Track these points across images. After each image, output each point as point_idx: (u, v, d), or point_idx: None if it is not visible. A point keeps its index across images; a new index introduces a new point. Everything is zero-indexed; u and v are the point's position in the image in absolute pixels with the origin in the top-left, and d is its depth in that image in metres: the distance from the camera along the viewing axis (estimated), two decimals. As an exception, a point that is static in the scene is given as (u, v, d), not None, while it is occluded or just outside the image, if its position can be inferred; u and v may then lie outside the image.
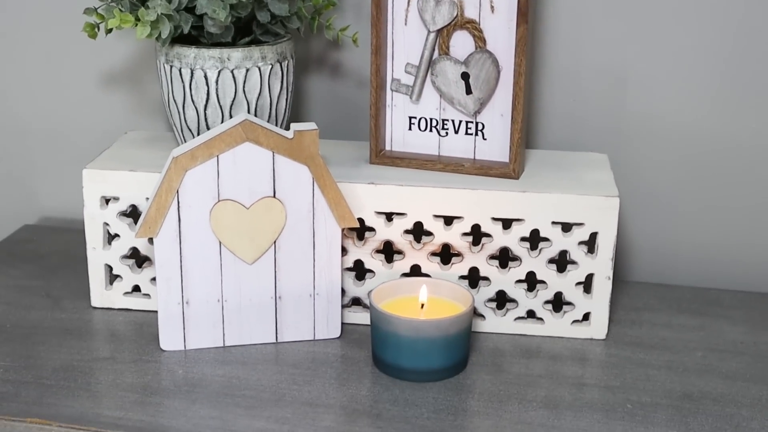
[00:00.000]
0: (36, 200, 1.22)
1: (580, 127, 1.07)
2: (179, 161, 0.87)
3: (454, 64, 0.95)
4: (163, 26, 0.90)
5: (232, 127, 0.87)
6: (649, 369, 0.90)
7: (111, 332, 0.95)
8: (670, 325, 0.98)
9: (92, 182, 0.96)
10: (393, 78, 0.97)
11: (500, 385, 0.87)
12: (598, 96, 1.06)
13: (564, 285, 0.94)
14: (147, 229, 0.88)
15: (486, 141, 0.97)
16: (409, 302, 0.91)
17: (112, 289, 0.99)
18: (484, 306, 0.95)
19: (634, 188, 1.07)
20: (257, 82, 0.94)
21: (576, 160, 1.01)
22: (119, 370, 0.88)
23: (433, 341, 0.86)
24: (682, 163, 1.06)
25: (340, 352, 0.92)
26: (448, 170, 0.96)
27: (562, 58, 1.05)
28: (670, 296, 1.04)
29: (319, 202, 0.90)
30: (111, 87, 1.16)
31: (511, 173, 0.95)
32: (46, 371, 0.87)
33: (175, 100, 0.95)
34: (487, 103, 0.95)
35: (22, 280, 1.05)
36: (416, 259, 0.95)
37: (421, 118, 0.98)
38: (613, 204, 0.91)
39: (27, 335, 0.94)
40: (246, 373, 0.88)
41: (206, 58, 0.92)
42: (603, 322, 0.95)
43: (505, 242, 0.93)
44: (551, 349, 0.93)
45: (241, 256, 0.90)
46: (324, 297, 0.93)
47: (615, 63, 1.04)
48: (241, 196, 0.89)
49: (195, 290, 0.90)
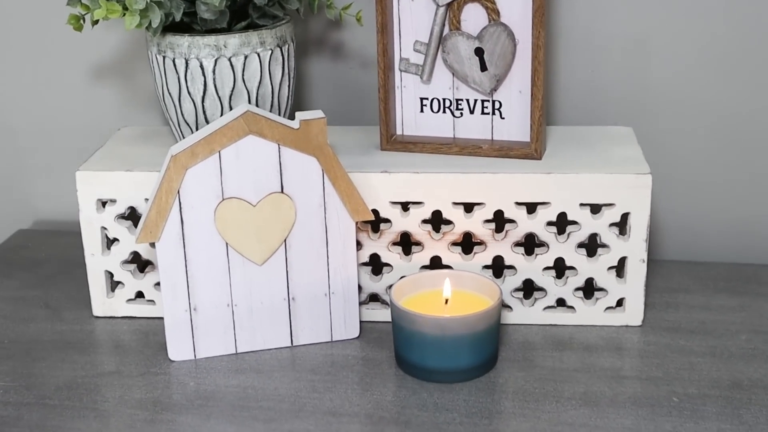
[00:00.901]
0: (29, 203, 1.17)
1: (601, 100, 1.02)
2: (178, 159, 0.81)
3: (466, 40, 0.89)
4: (153, 14, 0.84)
5: (233, 119, 0.81)
6: (692, 357, 0.84)
7: (115, 343, 0.90)
8: (708, 306, 0.93)
9: (87, 184, 0.90)
10: (401, 57, 0.92)
11: (534, 382, 0.81)
12: (618, 65, 1.01)
13: (595, 270, 0.89)
14: (148, 233, 0.83)
15: (504, 120, 0.91)
16: (431, 297, 0.86)
17: (114, 297, 0.94)
18: (510, 296, 0.90)
19: (661, 161, 1.02)
20: (257, 69, 0.88)
21: (600, 135, 0.96)
22: (126, 385, 0.83)
23: (460, 339, 0.80)
24: (711, 133, 1.01)
25: (361, 354, 0.86)
26: (465, 153, 0.91)
27: (578, 26, 1.00)
28: (705, 275, 0.99)
29: (331, 195, 0.85)
30: (102, 80, 1.11)
31: (533, 153, 0.89)
32: (48, 390, 0.82)
33: (170, 93, 0.90)
34: (504, 80, 0.90)
35: (20, 290, 1.00)
36: (436, 250, 0.90)
37: (433, 99, 0.93)
38: (645, 182, 0.86)
39: (27, 351, 0.88)
40: (262, 382, 0.82)
41: (201, 46, 0.87)
42: (638, 308, 0.89)
43: (531, 228, 0.88)
44: (584, 339, 0.88)
45: (249, 257, 0.85)
46: (340, 295, 0.88)
47: (635, 28, 0.99)
48: (246, 194, 0.83)
49: (202, 296, 0.85)
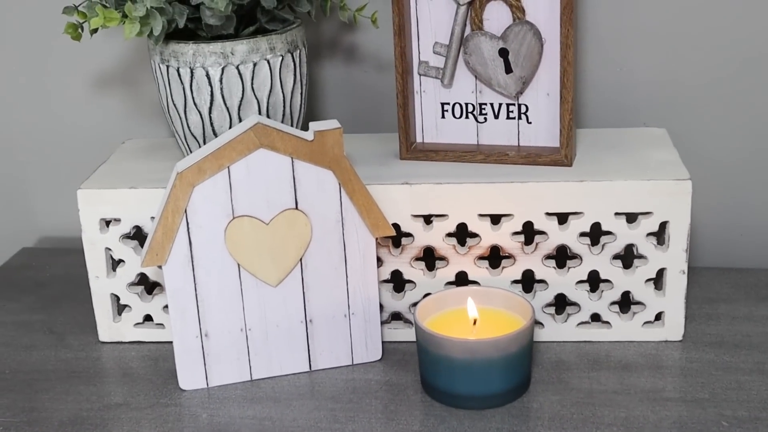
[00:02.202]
0: (33, 220, 1.15)
1: (631, 99, 0.98)
2: (185, 177, 0.77)
3: (489, 40, 0.85)
4: (155, 22, 0.80)
5: (242, 132, 0.78)
6: (739, 374, 0.79)
7: (123, 371, 0.85)
8: (751, 317, 0.88)
9: (89, 204, 0.86)
10: (420, 60, 0.88)
11: (571, 406, 0.76)
12: (649, 62, 0.97)
13: (632, 283, 0.85)
14: (154, 256, 0.78)
15: (531, 125, 0.87)
16: (458, 316, 0.82)
17: (120, 321, 0.90)
18: (542, 312, 0.86)
19: (696, 163, 0.98)
20: (267, 77, 0.84)
21: (632, 137, 0.92)
22: (135, 419, 0.78)
23: (491, 363, 0.76)
24: (749, 132, 0.98)
25: (384, 378, 0.82)
26: (490, 161, 0.87)
27: (604, 22, 0.96)
28: (745, 282, 0.94)
29: (348, 210, 0.81)
30: (104, 91, 1.09)
31: (563, 160, 0.85)
32: (52, 426, 0.78)
33: (175, 104, 0.85)
34: (530, 82, 0.86)
35: (23, 314, 0.96)
36: (461, 265, 0.86)
37: (455, 104, 0.89)
38: (685, 188, 0.81)
39: (29, 382, 0.84)
40: (279, 412, 0.78)
41: (207, 54, 0.83)
42: (679, 322, 0.85)
43: (562, 239, 0.84)
44: (622, 357, 0.83)
45: (263, 279, 0.81)
46: (360, 316, 0.84)
47: (665, 22, 0.95)
48: (258, 211, 0.79)
49: (214, 320, 0.81)
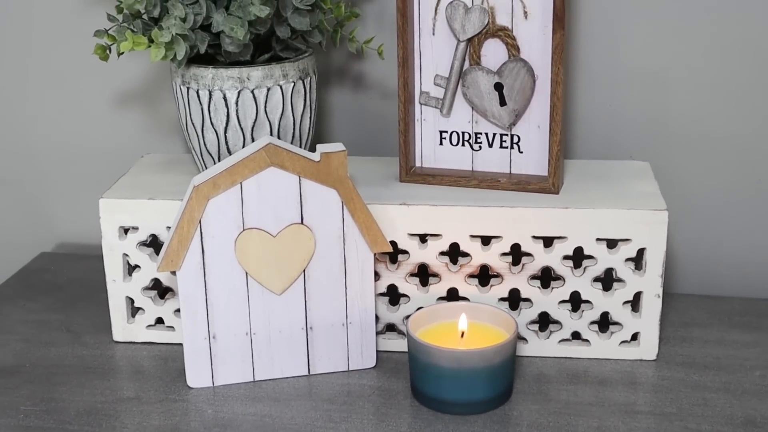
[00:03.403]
0: (52, 226, 1.20)
1: (619, 134, 1.03)
2: (200, 190, 0.83)
3: (486, 75, 0.91)
4: (179, 47, 0.86)
5: (255, 151, 0.83)
6: (706, 392, 0.85)
7: (135, 369, 0.91)
8: (722, 341, 0.93)
9: (109, 212, 0.92)
10: (422, 91, 0.94)
11: (548, 415, 0.82)
12: (636, 101, 1.02)
13: (610, 304, 0.90)
14: (169, 262, 0.84)
15: (522, 154, 0.93)
16: (448, 329, 0.87)
17: (134, 322, 0.95)
18: (526, 329, 0.91)
19: (677, 195, 1.03)
20: (279, 101, 0.90)
21: (617, 169, 0.97)
22: (145, 412, 0.84)
23: (476, 372, 0.82)
24: (727, 168, 1.03)
25: (377, 384, 0.88)
26: (483, 186, 0.92)
27: (596, 62, 1.02)
28: (720, 309, 1.00)
29: (350, 226, 0.86)
30: (126, 108, 1.14)
31: (550, 188, 0.90)
32: (68, 415, 0.84)
33: (193, 123, 0.91)
34: (523, 115, 0.91)
35: (41, 314, 1.02)
36: (453, 282, 0.91)
37: (452, 132, 0.94)
38: (661, 218, 0.87)
39: (48, 375, 0.90)
40: (279, 411, 0.84)
41: (225, 78, 0.89)
42: (653, 343, 0.90)
43: (547, 261, 0.89)
44: (599, 373, 0.89)
45: (269, 287, 0.86)
46: (357, 326, 0.89)
47: (653, 65, 1.01)
48: (267, 224, 0.85)
49: (222, 324, 0.87)
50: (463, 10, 0.89)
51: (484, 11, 0.89)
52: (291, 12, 0.89)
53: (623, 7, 0.99)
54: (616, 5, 0.99)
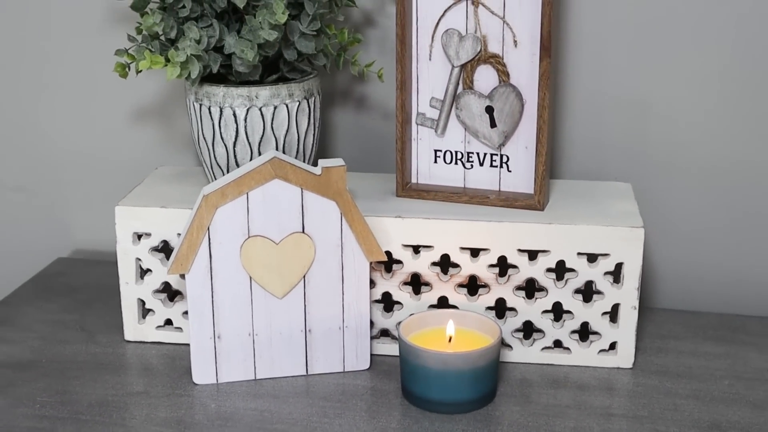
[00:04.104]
0: (69, 233, 1.24)
1: (603, 157, 1.08)
2: (210, 199, 0.89)
3: (478, 98, 0.96)
4: (193, 66, 0.92)
5: (261, 164, 0.89)
6: (677, 398, 0.90)
7: (144, 366, 0.97)
8: (696, 353, 0.99)
9: (125, 219, 0.97)
10: (418, 112, 0.99)
11: (528, 416, 0.88)
12: (621, 125, 1.07)
13: (590, 315, 0.95)
14: (179, 265, 0.90)
15: (511, 173, 0.98)
16: (437, 334, 0.92)
17: (144, 323, 1.01)
18: (511, 336, 0.97)
19: (659, 215, 1.08)
20: (285, 118, 0.96)
21: (600, 189, 1.02)
22: (153, 405, 0.90)
23: (461, 374, 0.87)
24: (706, 190, 1.08)
25: (370, 384, 0.93)
26: (473, 202, 0.98)
27: (583, 89, 1.07)
28: (696, 323, 1.05)
29: (347, 236, 0.91)
30: (141, 122, 1.19)
31: (536, 205, 0.96)
32: (81, 406, 0.89)
33: (204, 137, 0.97)
34: (512, 136, 0.97)
35: (57, 314, 1.07)
36: (443, 290, 0.96)
37: (446, 151, 0.99)
38: (638, 235, 0.92)
39: (62, 370, 0.96)
40: (278, 407, 0.89)
41: (235, 96, 0.94)
42: (629, 352, 0.95)
43: (532, 273, 0.94)
44: (578, 379, 0.94)
45: (271, 291, 0.92)
46: (353, 329, 0.94)
47: (636, 93, 1.06)
48: (270, 232, 0.90)
49: (226, 324, 0.92)
50: (457, 38, 0.95)
51: (477, 39, 0.95)
52: (298, 36, 0.95)
53: (609, 38, 1.04)
54: (602, 36, 1.04)
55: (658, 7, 1.03)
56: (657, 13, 1.03)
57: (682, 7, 1.02)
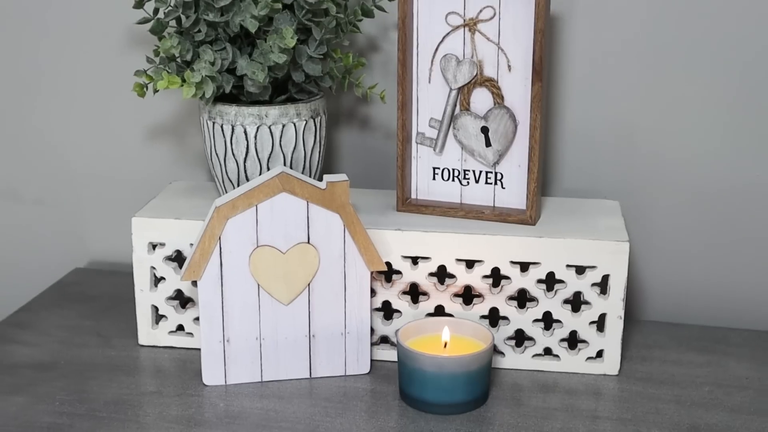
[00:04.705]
0: (85, 245, 1.28)
1: (594, 176, 1.13)
2: (221, 210, 0.94)
3: (474, 119, 1.02)
4: (207, 87, 0.97)
5: (269, 178, 0.94)
6: (659, 403, 0.95)
7: (157, 368, 1.02)
8: (679, 362, 1.04)
9: (141, 229, 1.03)
10: (418, 131, 1.04)
11: (519, 417, 0.93)
12: (610, 147, 1.12)
13: (578, 324, 1.00)
14: (191, 272, 0.95)
15: (504, 190, 1.03)
16: (433, 340, 0.97)
17: (158, 328, 1.05)
18: (503, 344, 1.01)
19: (646, 232, 1.13)
20: (293, 136, 1.01)
21: (589, 207, 1.07)
22: (165, 404, 0.95)
23: (455, 376, 0.92)
24: (690, 209, 1.12)
25: (370, 387, 0.98)
26: (469, 217, 1.02)
27: (575, 112, 1.12)
28: (680, 335, 1.09)
29: (350, 247, 0.96)
30: (157, 140, 1.23)
31: (528, 220, 1.01)
32: (98, 404, 0.94)
33: (217, 153, 1.03)
34: (505, 155, 1.02)
35: (75, 320, 1.12)
36: (440, 300, 1.01)
37: (444, 169, 1.05)
38: (623, 248, 0.97)
39: (80, 371, 1.01)
40: (282, 406, 0.94)
41: (246, 115, 1.00)
42: (615, 359, 1.00)
43: (523, 284, 0.99)
44: (567, 384, 0.99)
45: (277, 298, 0.97)
46: (354, 335, 0.99)
47: (624, 116, 1.11)
48: (277, 242, 0.95)
49: (235, 329, 0.97)
50: (455, 63, 1.01)
51: (474, 64, 1.00)
52: (305, 60, 1.00)
53: (599, 64, 1.09)
54: (592, 62, 1.10)
55: (645, 34, 1.08)
56: (644, 40, 1.08)
57: (669, 35, 1.08)
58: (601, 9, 1.08)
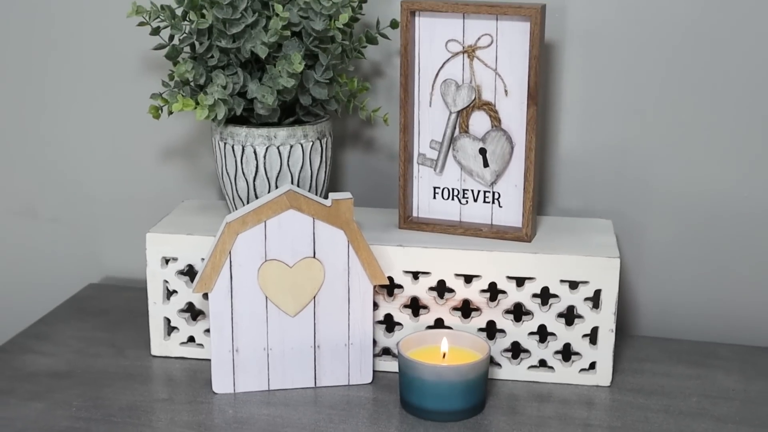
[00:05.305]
0: (100, 262, 1.32)
1: (588, 196, 1.17)
2: (232, 226, 0.98)
3: (472, 141, 1.06)
4: (219, 109, 1.02)
5: (278, 196, 0.98)
6: (648, 412, 0.99)
7: (169, 377, 1.06)
8: (669, 374, 1.07)
9: (154, 245, 1.07)
10: (419, 153, 1.08)
11: (514, 425, 0.97)
12: (603, 168, 1.16)
13: (572, 337, 1.04)
14: (203, 285, 0.99)
15: (502, 208, 1.07)
16: (433, 351, 1.01)
17: (170, 340, 1.09)
18: (500, 355, 1.05)
19: (638, 250, 1.17)
20: (300, 157, 1.05)
21: (584, 225, 1.11)
22: (176, 410, 0.99)
23: (453, 385, 0.96)
24: (681, 227, 1.16)
25: (372, 396, 1.02)
26: (468, 234, 1.07)
27: (570, 135, 1.16)
28: (671, 348, 1.13)
29: (354, 262, 1.00)
30: (170, 160, 1.27)
31: (524, 237, 1.05)
32: (113, 410, 0.99)
33: (228, 172, 1.07)
34: (502, 175, 1.06)
35: (89, 332, 1.16)
36: (440, 313, 1.05)
37: (444, 188, 1.09)
38: (614, 264, 1.01)
39: (95, 379, 1.05)
40: (288, 413, 0.98)
41: (255, 136, 1.04)
42: (608, 371, 1.04)
43: (519, 298, 1.03)
44: (561, 395, 1.03)
45: (284, 309, 1.01)
46: (357, 346, 1.03)
47: (617, 138, 1.15)
48: (285, 257, 0.99)
49: (244, 339, 1.01)
50: (454, 87, 1.06)
51: (472, 88, 1.05)
52: (312, 84, 1.04)
53: (593, 88, 1.13)
54: (586, 86, 1.14)
55: (636, 61, 1.12)
56: (636, 67, 1.13)
57: (660, 61, 1.12)
58: (594, 36, 1.13)
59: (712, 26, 1.10)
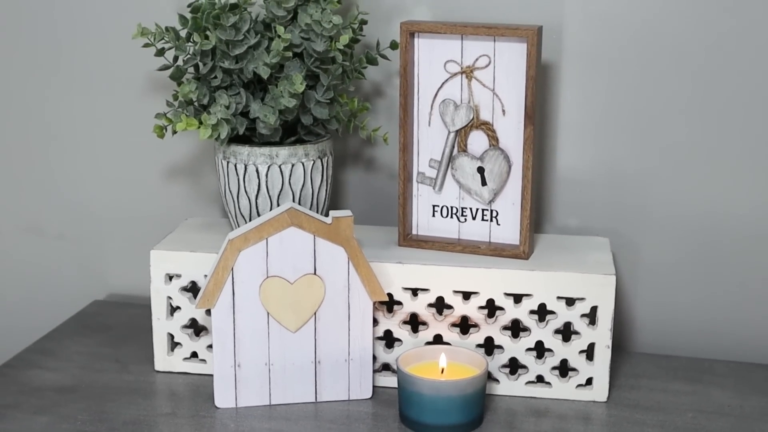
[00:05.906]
0: (104, 279, 1.33)
1: (584, 215, 1.18)
2: (234, 243, 1.00)
3: (471, 160, 1.08)
4: (222, 129, 1.04)
5: (279, 214, 1.00)
6: (644, 427, 1.01)
7: (172, 392, 1.07)
8: (665, 390, 1.09)
9: (158, 261, 1.08)
10: (418, 171, 1.10)
11: (511, 439, 0.98)
12: (600, 187, 1.17)
13: (569, 353, 1.05)
14: (206, 301, 1.01)
15: (500, 226, 1.09)
16: (431, 367, 1.02)
17: (173, 355, 1.11)
18: (498, 371, 1.06)
19: (635, 267, 1.18)
20: (301, 175, 1.07)
21: (581, 243, 1.12)
22: (179, 424, 1.00)
23: (452, 400, 0.97)
24: (677, 245, 1.17)
25: (371, 411, 1.03)
26: (466, 252, 1.08)
27: (567, 154, 1.17)
28: (667, 365, 1.14)
29: (354, 278, 1.02)
30: (173, 179, 1.28)
31: (521, 254, 1.07)
32: (117, 423, 1.00)
33: (230, 190, 1.09)
34: (500, 193, 1.08)
35: (94, 347, 1.18)
36: (438, 329, 1.06)
37: (443, 206, 1.10)
38: (610, 281, 1.02)
39: (100, 394, 1.06)
40: (289, 428, 1.00)
41: (258, 155, 1.06)
42: (604, 386, 1.05)
43: (517, 315, 1.05)
44: (558, 410, 1.04)
45: (285, 325, 1.02)
46: (357, 362, 1.04)
47: (613, 157, 1.17)
48: (286, 273, 1.01)
49: (246, 354, 1.02)
50: (453, 107, 1.08)
51: (470, 108, 1.07)
52: (314, 104, 1.06)
53: (589, 108, 1.15)
54: (583, 106, 1.15)
55: (632, 81, 1.14)
56: (631, 86, 1.14)
57: (655, 80, 1.14)
58: (591, 57, 1.15)
59: (709, 48, 1.12)
